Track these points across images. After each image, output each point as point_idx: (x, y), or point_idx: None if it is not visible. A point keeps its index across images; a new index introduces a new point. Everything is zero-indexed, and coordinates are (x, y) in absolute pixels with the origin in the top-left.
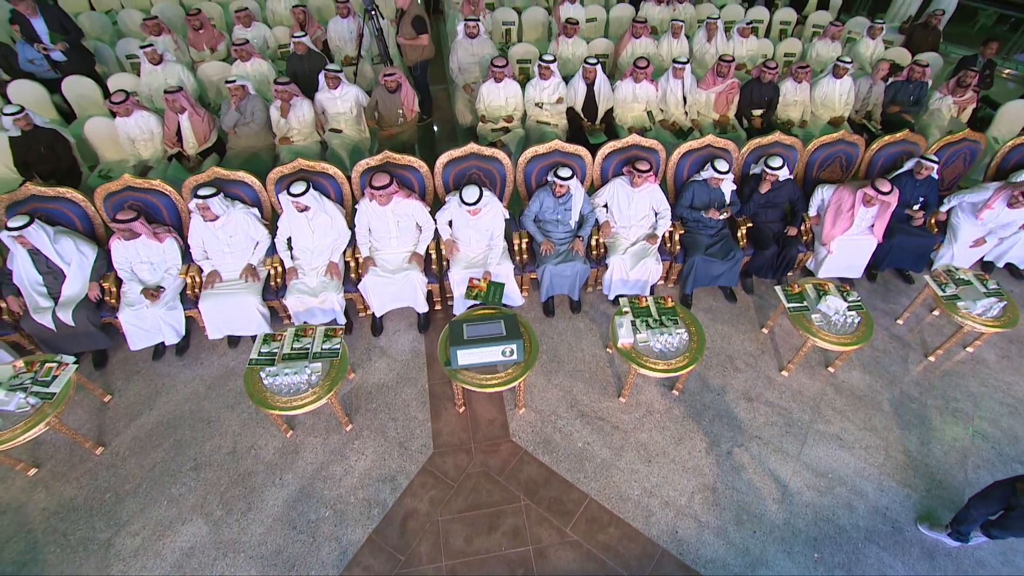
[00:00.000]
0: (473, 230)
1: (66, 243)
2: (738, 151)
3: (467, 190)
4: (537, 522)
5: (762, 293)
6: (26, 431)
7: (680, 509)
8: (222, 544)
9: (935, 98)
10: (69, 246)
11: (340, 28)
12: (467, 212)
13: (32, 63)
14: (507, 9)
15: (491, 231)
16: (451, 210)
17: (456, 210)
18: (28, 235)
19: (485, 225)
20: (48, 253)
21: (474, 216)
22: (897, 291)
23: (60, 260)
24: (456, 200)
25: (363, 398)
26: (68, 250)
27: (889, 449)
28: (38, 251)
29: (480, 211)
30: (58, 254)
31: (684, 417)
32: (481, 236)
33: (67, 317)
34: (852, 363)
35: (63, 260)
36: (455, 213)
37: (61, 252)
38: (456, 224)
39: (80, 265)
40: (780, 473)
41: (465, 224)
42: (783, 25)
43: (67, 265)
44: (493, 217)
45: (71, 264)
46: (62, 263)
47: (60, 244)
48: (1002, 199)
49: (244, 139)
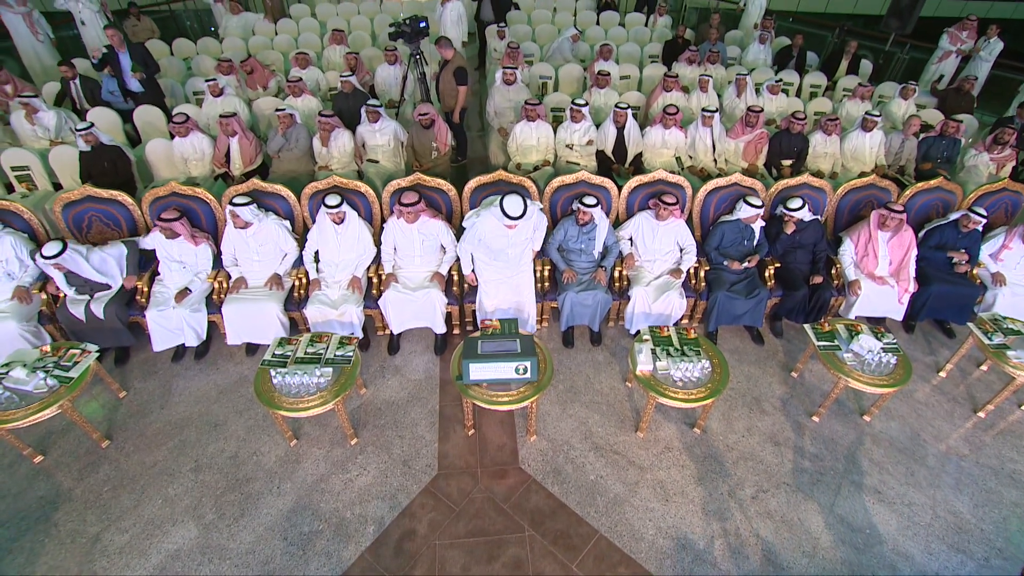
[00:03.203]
0: (497, 270)
1: (98, 257)
2: (765, 191)
3: (510, 200)
4: (541, 555)
5: (791, 337)
6: (39, 411)
7: (699, 554)
8: (209, 549)
9: (971, 155)
10: (104, 261)
11: (386, 74)
12: (504, 227)
13: (112, 94)
14: (545, 64)
15: (521, 275)
16: (479, 230)
17: (485, 233)
18: (64, 262)
19: (517, 249)
20: (87, 275)
21: (511, 231)
22: (938, 343)
23: (99, 276)
24: (488, 215)
25: (372, 414)
26: (105, 266)
27: (937, 508)
28: (74, 273)
29: (518, 227)
30: (97, 270)
31: (705, 457)
32: (509, 268)
33: (99, 311)
34: (889, 413)
35: (103, 275)
36: (485, 232)
37: (99, 267)
38: (478, 261)
39: (115, 275)
40: (811, 524)
41: (490, 259)
42: (813, 88)
43: (108, 278)
44: (524, 245)
45: (109, 276)
46: (101, 278)
47: (95, 262)
48: (1018, 237)
49: (287, 163)
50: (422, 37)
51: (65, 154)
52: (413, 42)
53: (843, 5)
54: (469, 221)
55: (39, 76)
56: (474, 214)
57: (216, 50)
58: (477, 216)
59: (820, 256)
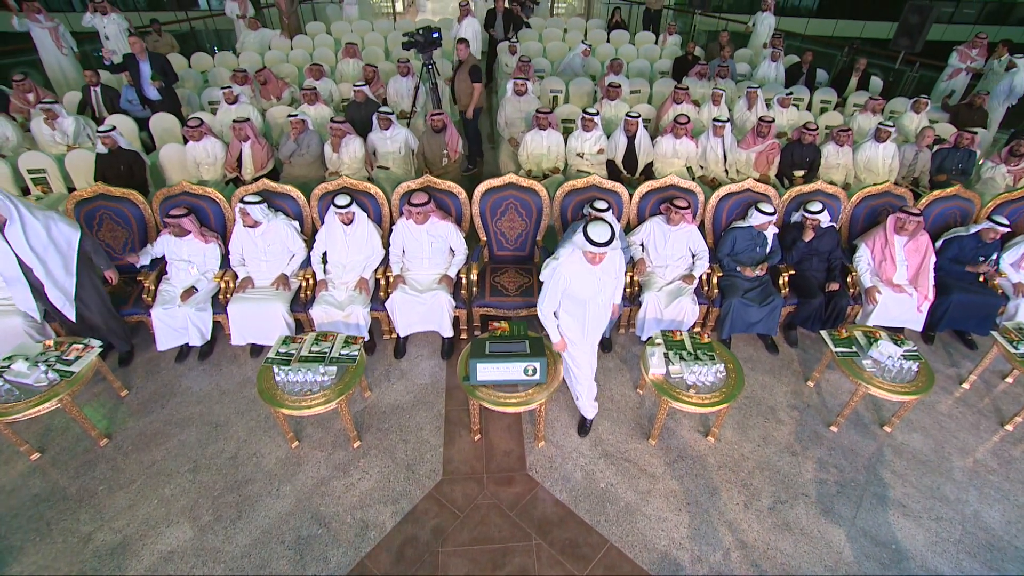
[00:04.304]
0: (583, 330)
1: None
2: (778, 198)
3: (595, 226)
4: (548, 564)
5: (807, 347)
6: (39, 404)
7: (714, 566)
8: (203, 551)
9: (987, 167)
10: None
11: (399, 85)
12: (589, 264)
13: (131, 103)
14: (555, 78)
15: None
16: (562, 275)
17: (572, 278)
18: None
19: (605, 296)
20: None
21: (599, 270)
22: (959, 355)
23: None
24: (570, 254)
25: (376, 417)
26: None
27: (966, 524)
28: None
29: (605, 260)
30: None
31: (720, 466)
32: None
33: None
34: (911, 424)
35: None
36: (570, 276)
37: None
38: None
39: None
40: (833, 537)
41: (576, 318)
42: (823, 104)
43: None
44: (611, 292)
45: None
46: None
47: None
48: None
49: (298, 168)
50: (435, 48)
51: (81, 158)
52: (426, 52)
53: (851, 29)
54: (547, 270)
55: (62, 88)
56: (552, 258)
57: (233, 63)
58: (556, 259)
59: (835, 264)
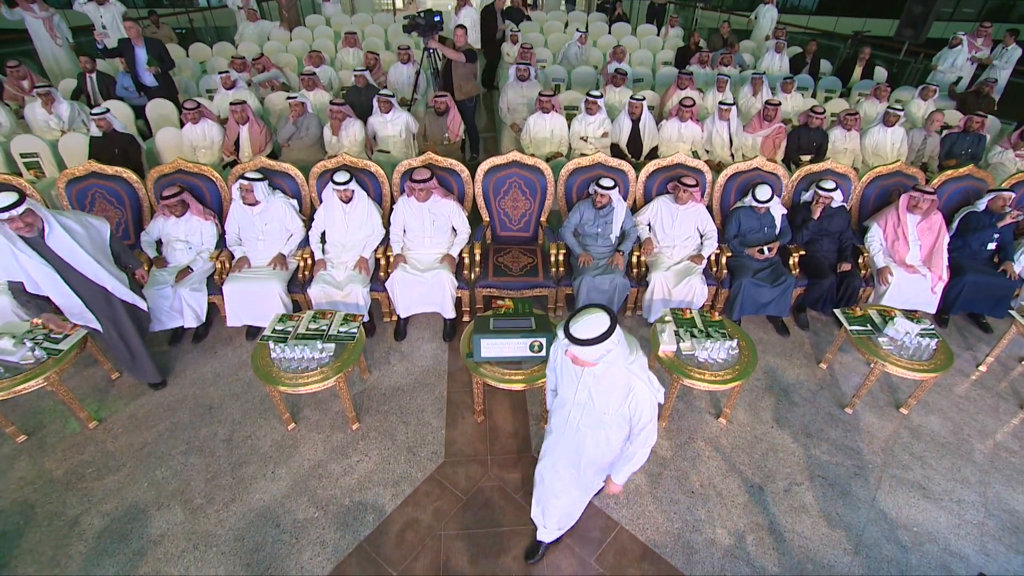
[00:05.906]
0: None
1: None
2: (787, 177)
3: (582, 318)
4: (556, 548)
5: (818, 329)
6: (24, 382)
7: (729, 550)
8: (195, 535)
9: (996, 152)
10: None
11: (399, 72)
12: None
13: (126, 90)
14: (558, 67)
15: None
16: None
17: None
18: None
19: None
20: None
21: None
22: (974, 338)
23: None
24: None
25: (376, 399)
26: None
27: (989, 507)
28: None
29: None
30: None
31: (733, 448)
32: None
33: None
34: (928, 407)
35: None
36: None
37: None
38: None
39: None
40: (851, 520)
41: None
42: (828, 93)
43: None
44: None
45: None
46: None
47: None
48: None
49: (296, 152)
50: (436, 31)
51: (75, 142)
52: (427, 35)
53: (852, 25)
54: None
55: (56, 78)
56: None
57: (231, 53)
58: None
59: (846, 244)
